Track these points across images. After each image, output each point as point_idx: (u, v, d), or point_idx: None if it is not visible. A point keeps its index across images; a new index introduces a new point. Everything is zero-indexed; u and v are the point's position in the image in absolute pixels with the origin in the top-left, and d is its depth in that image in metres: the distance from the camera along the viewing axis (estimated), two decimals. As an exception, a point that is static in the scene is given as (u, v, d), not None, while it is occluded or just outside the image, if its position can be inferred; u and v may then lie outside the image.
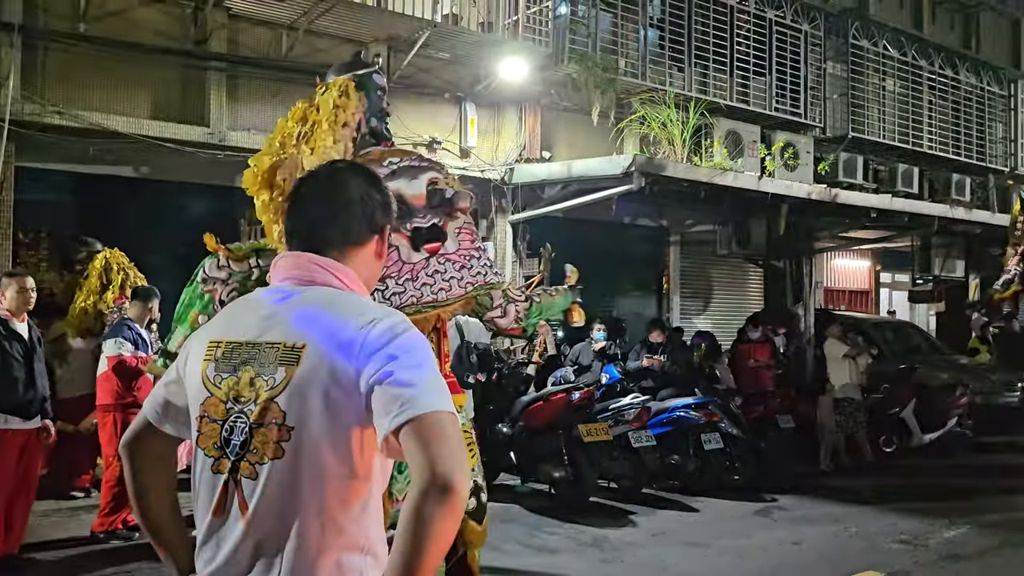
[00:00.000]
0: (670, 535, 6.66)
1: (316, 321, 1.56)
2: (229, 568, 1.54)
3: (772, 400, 9.79)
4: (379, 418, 1.46)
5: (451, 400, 1.50)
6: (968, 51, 15.22)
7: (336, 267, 1.67)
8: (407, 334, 1.54)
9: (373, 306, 1.62)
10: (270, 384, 1.53)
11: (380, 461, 1.57)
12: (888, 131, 13.03)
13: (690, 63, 10.67)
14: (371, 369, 1.48)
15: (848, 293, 15.88)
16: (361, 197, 1.73)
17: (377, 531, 1.59)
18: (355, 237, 1.72)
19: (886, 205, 11.39)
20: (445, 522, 1.38)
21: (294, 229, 1.73)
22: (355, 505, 1.53)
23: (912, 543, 6.48)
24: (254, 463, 1.52)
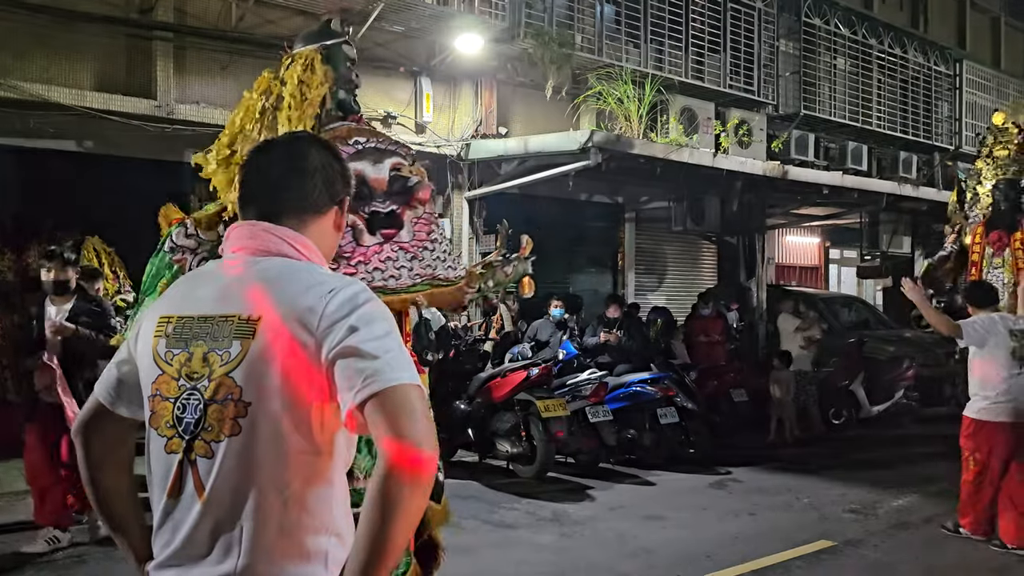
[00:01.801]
0: (628, 508, 6.73)
1: (273, 292, 1.51)
2: (187, 551, 1.48)
3: (725, 374, 9.95)
4: (342, 392, 1.41)
5: (416, 372, 1.46)
6: (916, 31, 15.48)
7: (293, 236, 1.60)
8: (369, 304, 1.49)
9: (332, 276, 1.57)
10: (224, 359, 1.48)
11: (343, 436, 1.52)
12: (839, 109, 13.22)
13: (646, 39, 10.66)
14: (332, 341, 1.43)
15: (799, 269, 16.14)
16: (322, 165, 1.67)
17: (342, 509, 1.55)
18: (315, 205, 1.66)
19: (836, 182, 11.57)
20: (414, 498, 1.35)
21: (249, 198, 1.66)
22: (318, 483, 1.48)
23: (862, 512, 6.64)
24: (209, 441, 1.47)
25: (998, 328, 5.74)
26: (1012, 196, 7.86)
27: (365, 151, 3.36)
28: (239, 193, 1.69)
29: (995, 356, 5.68)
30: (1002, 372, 5.64)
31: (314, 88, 3.40)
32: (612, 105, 9.96)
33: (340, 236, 1.76)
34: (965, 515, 5.94)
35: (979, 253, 7.97)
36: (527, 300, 10.08)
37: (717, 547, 5.67)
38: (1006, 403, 5.65)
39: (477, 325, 9.41)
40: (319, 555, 1.48)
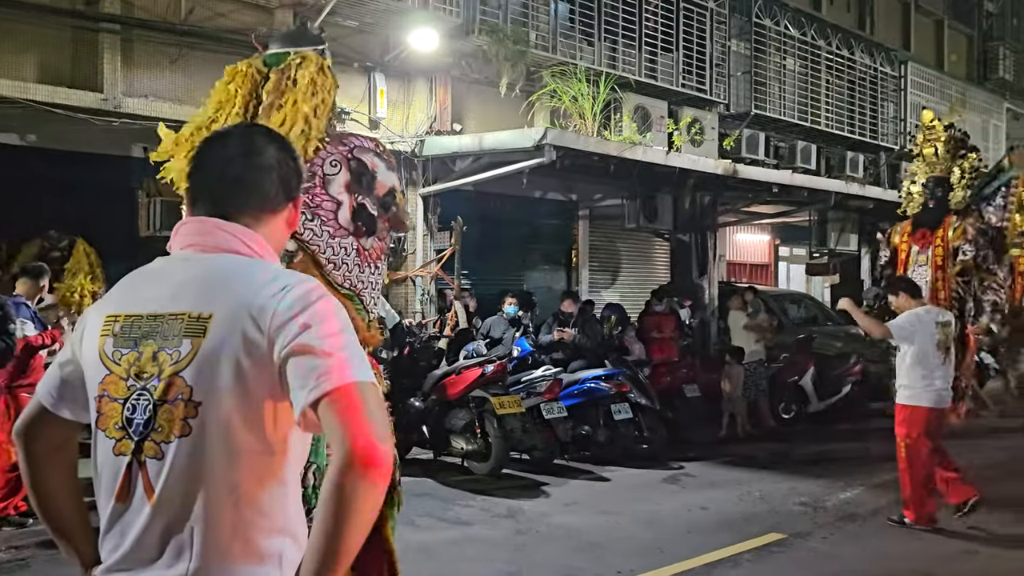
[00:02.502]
0: (582, 504, 6.78)
1: (224, 289, 1.48)
2: (135, 555, 1.45)
3: (678, 370, 10.07)
4: (295, 391, 1.39)
5: (371, 370, 1.44)
6: (863, 32, 15.79)
7: (244, 233, 1.57)
8: (322, 301, 1.47)
9: (285, 273, 1.54)
10: (175, 358, 1.45)
11: (297, 436, 1.50)
12: (788, 109, 13.44)
13: (600, 38, 10.72)
14: (284, 339, 1.41)
15: (749, 266, 16.40)
16: (278, 162, 1.64)
17: (296, 510, 1.52)
18: (271, 204, 1.63)
19: (786, 180, 11.77)
20: (370, 497, 1.33)
21: (201, 192, 1.62)
22: (271, 483, 1.46)
23: (811, 505, 6.78)
24: (159, 442, 1.44)
25: (925, 321, 6.09)
26: (939, 194, 8.03)
27: (383, 156, 3.45)
28: (189, 186, 1.64)
29: (923, 347, 6.01)
30: (929, 362, 6.00)
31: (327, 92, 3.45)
32: (566, 103, 10.00)
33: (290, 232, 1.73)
34: (907, 506, 6.13)
35: (906, 251, 8.15)
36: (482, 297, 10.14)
37: (670, 541, 5.74)
38: (932, 390, 6.03)
39: (432, 322, 9.39)
40: (273, 556, 1.46)
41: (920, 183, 8.30)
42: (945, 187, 8.13)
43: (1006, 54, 19.71)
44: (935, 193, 8.06)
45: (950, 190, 8.13)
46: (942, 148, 8.30)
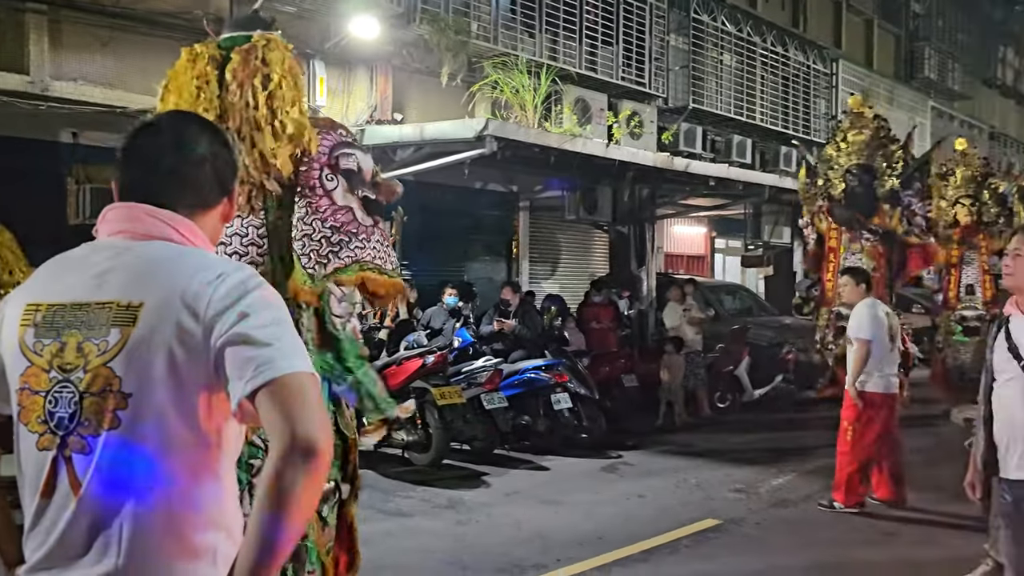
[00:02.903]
0: (522, 494, 6.82)
1: (155, 277, 1.43)
2: (61, 552, 1.40)
3: (617, 360, 10.20)
4: (232, 381, 1.36)
5: (309, 359, 1.42)
6: (796, 30, 16.14)
7: (176, 220, 1.52)
8: (260, 290, 1.44)
9: (220, 261, 1.51)
10: (102, 348, 1.40)
11: (233, 428, 1.47)
12: (725, 104, 13.67)
13: (541, 30, 10.74)
14: (221, 328, 1.38)
15: (686, 258, 16.66)
16: (213, 155, 1.59)
17: (231, 504, 1.50)
18: (207, 199, 1.59)
19: (723, 174, 11.97)
20: (309, 488, 1.32)
21: (132, 182, 1.55)
22: (205, 476, 1.43)
23: (745, 492, 6.95)
24: (86, 436, 1.39)
25: (879, 315, 6.34)
26: (866, 181, 8.10)
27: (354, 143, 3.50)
28: (119, 177, 1.58)
29: (879, 338, 6.26)
30: (881, 350, 6.25)
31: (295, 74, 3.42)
32: (508, 94, 10.00)
33: (224, 225, 1.69)
34: (838, 489, 6.33)
35: (836, 239, 8.22)
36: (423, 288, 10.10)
37: (609, 529, 5.83)
38: (882, 377, 6.27)
39: (371, 313, 9.31)
40: (207, 552, 1.42)
41: (845, 169, 8.30)
42: (870, 175, 8.17)
43: (931, 54, 20.38)
44: (862, 180, 8.10)
45: (875, 178, 8.20)
46: (869, 136, 8.36)
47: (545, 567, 5.07)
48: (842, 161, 8.38)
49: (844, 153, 8.41)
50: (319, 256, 3.38)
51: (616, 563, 5.17)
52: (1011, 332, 3.37)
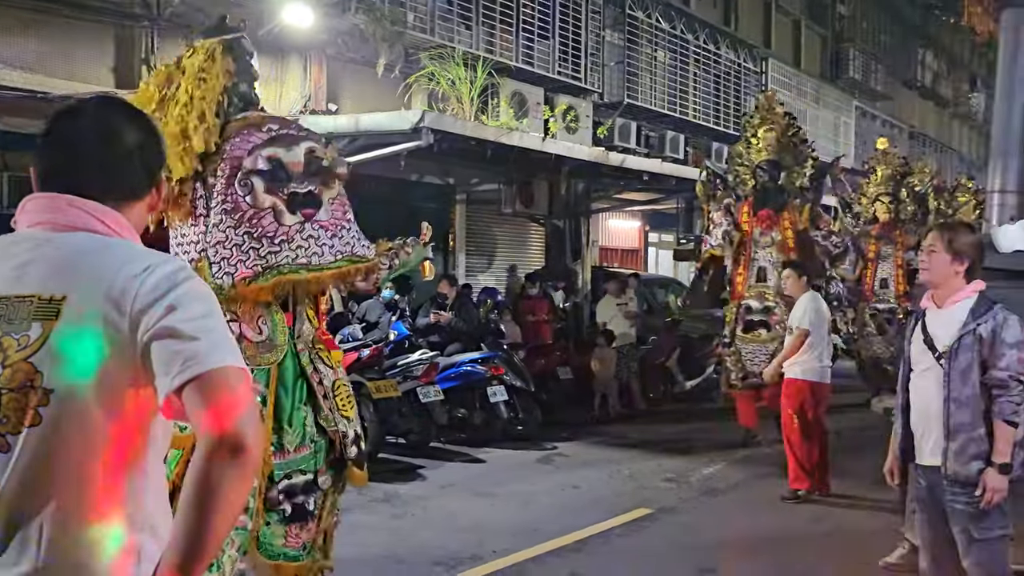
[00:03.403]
0: (458, 486, 6.84)
1: (79, 270, 1.39)
2: None
3: (552, 353, 10.29)
4: (159, 376, 1.34)
5: (240, 354, 1.41)
6: (728, 28, 16.48)
7: (100, 210, 1.47)
8: (189, 282, 1.41)
9: (148, 253, 1.46)
10: (22, 343, 1.36)
11: (159, 423, 1.44)
12: (659, 100, 13.88)
13: (478, 22, 10.73)
14: (148, 322, 1.35)
15: (620, 251, 16.87)
16: (139, 145, 1.54)
17: (157, 502, 1.46)
18: (134, 191, 1.54)
19: (656, 169, 12.16)
20: (238, 485, 1.30)
21: (54, 171, 1.49)
22: (131, 473, 1.40)
23: (677, 481, 7.10)
24: (5, 434, 1.35)
25: (822, 307, 6.62)
26: (775, 176, 8.31)
27: (278, 137, 3.42)
28: (38, 165, 1.51)
29: (819, 329, 6.50)
30: (820, 341, 6.49)
31: (213, 78, 3.41)
32: (444, 86, 9.97)
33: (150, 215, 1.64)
34: (799, 479, 6.45)
35: (748, 232, 8.38)
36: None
37: (544, 520, 5.89)
38: (821, 366, 6.53)
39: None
40: (131, 551, 1.39)
41: (756, 165, 8.46)
42: (778, 170, 8.35)
43: (856, 55, 21.04)
44: (772, 175, 8.26)
45: (783, 174, 8.40)
46: (780, 132, 8.51)
47: (481, 559, 5.10)
48: (752, 157, 8.51)
49: (755, 149, 8.55)
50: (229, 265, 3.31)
51: (550, 553, 5.23)
52: (927, 325, 3.53)
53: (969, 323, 3.35)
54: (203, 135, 3.30)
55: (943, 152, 26.52)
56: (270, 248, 3.33)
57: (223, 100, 3.44)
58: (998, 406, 3.30)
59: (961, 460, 3.35)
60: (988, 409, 3.33)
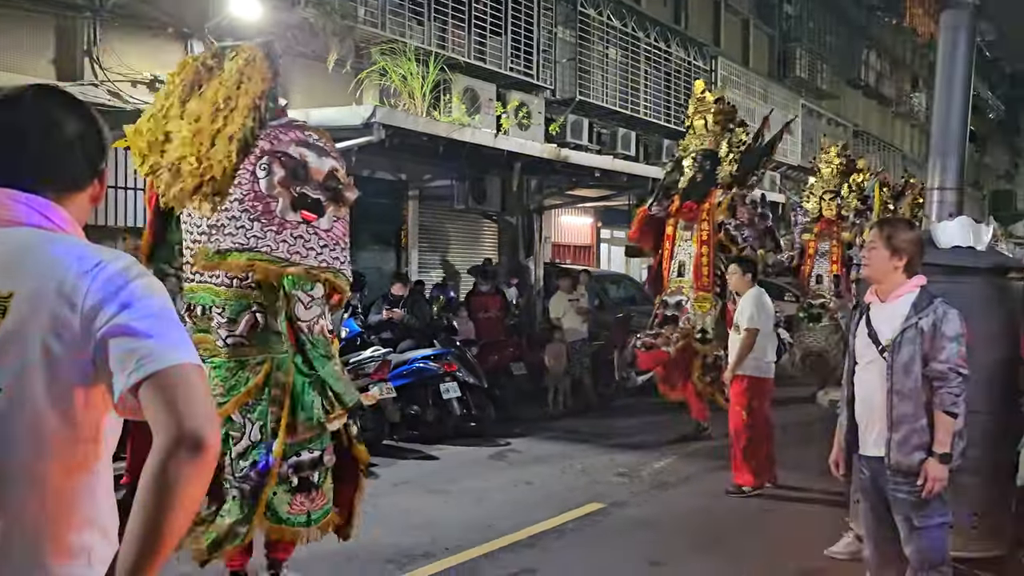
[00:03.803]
0: (412, 484, 6.81)
1: (26, 266, 1.36)
2: None
3: (505, 349, 10.30)
4: (115, 374, 1.31)
5: (195, 350, 1.39)
6: (678, 27, 16.65)
7: (43, 205, 1.44)
8: (142, 279, 1.39)
9: (97, 249, 1.43)
10: None
11: (111, 423, 1.41)
12: (610, 97, 13.97)
13: (430, 17, 10.68)
14: (100, 320, 1.32)
15: (573, 248, 16.95)
16: (81, 135, 1.50)
17: (108, 502, 1.44)
18: (77, 181, 1.50)
19: (608, 166, 12.25)
20: (196, 482, 1.28)
21: None
22: (81, 474, 1.37)
23: (628, 475, 7.17)
24: None
25: (767, 302, 6.69)
26: (707, 167, 8.20)
27: (313, 145, 3.81)
28: None
29: (764, 325, 6.58)
30: (764, 337, 6.56)
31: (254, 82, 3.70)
32: (396, 82, 9.90)
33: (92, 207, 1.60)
34: (745, 472, 6.51)
35: (673, 225, 8.32)
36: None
37: (498, 516, 5.90)
38: (767, 362, 6.63)
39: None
40: (82, 552, 1.37)
41: (690, 155, 8.37)
42: (713, 160, 8.25)
43: (802, 54, 21.42)
44: (703, 166, 8.17)
45: (718, 163, 8.27)
46: (711, 120, 8.40)
47: (434, 556, 5.09)
48: (692, 147, 8.46)
49: (695, 138, 8.48)
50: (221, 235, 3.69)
51: (503, 549, 5.24)
52: (871, 319, 3.61)
53: (911, 317, 3.44)
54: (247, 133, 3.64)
55: (886, 150, 27.18)
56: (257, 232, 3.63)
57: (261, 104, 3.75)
58: (939, 397, 3.39)
59: (904, 450, 3.44)
60: (930, 401, 3.42)
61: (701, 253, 8.14)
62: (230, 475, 3.88)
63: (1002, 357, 4.46)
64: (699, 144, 8.39)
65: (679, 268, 8.44)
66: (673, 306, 8.38)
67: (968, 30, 5.24)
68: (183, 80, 3.79)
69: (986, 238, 4.60)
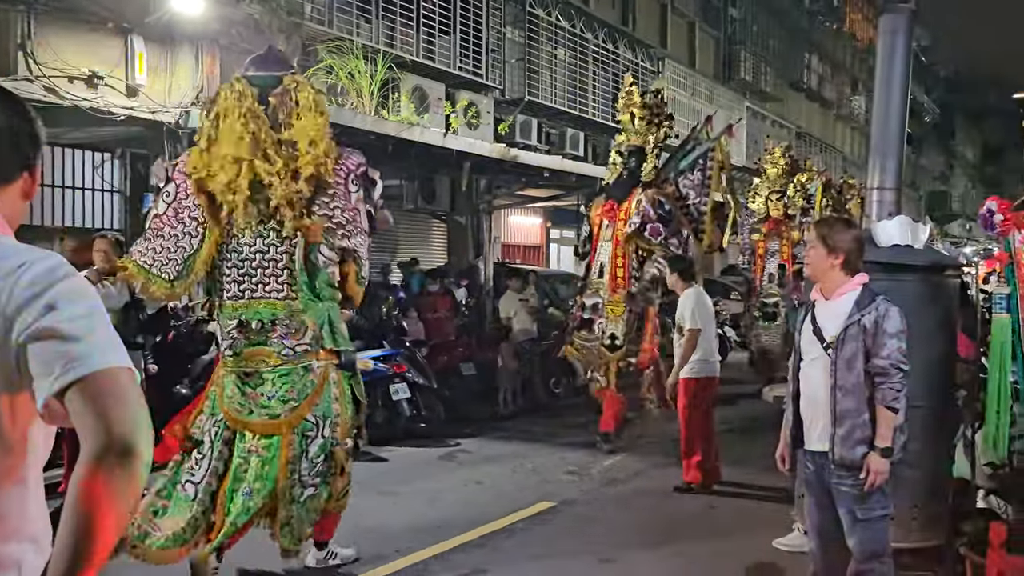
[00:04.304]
0: (362, 486, 6.68)
1: None
2: None
3: (455, 349, 10.27)
4: (38, 379, 1.26)
5: (126, 354, 1.33)
6: (626, 28, 16.79)
7: None
8: (69, 280, 1.33)
9: (22, 248, 1.37)
10: None
11: (40, 430, 1.36)
12: (559, 97, 14.03)
13: (377, 15, 10.59)
14: (24, 322, 1.27)
15: (523, 248, 16.99)
16: (9, 126, 1.44)
17: (38, 512, 1.39)
18: (4, 174, 1.44)
19: (557, 166, 12.30)
20: (128, 490, 1.24)
21: None
22: (9, 483, 1.32)
23: (578, 473, 7.20)
24: None
25: (706, 302, 6.68)
26: (633, 164, 7.89)
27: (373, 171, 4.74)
28: None
29: (704, 326, 6.57)
30: (707, 338, 6.57)
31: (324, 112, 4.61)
32: (343, 80, 9.79)
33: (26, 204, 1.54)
34: (688, 471, 6.55)
35: (597, 225, 8.02)
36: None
37: (448, 517, 5.88)
38: (712, 362, 6.62)
39: (200, 304, 8.86)
40: (11, 564, 1.32)
41: (615, 152, 8.11)
42: (639, 156, 7.92)
43: (747, 57, 21.82)
44: (629, 163, 7.88)
45: (644, 160, 7.93)
46: (638, 115, 8.07)
47: (385, 558, 5.05)
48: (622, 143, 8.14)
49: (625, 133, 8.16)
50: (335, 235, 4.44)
51: (454, 550, 5.22)
52: (815, 316, 3.68)
53: (854, 314, 3.51)
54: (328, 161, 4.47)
55: (827, 151, 27.80)
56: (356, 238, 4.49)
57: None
58: (880, 393, 3.47)
59: (847, 445, 3.51)
60: (872, 396, 3.49)
61: (616, 254, 7.83)
62: (306, 473, 4.37)
63: (939, 352, 4.58)
64: (627, 140, 8.12)
65: (600, 269, 8.17)
66: (590, 308, 8.13)
67: (905, 34, 5.37)
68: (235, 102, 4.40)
69: (923, 237, 4.71)
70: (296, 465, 4.32)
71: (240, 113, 4.34)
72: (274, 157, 4.37)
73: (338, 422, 4.46)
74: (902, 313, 3.52)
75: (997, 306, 3.98)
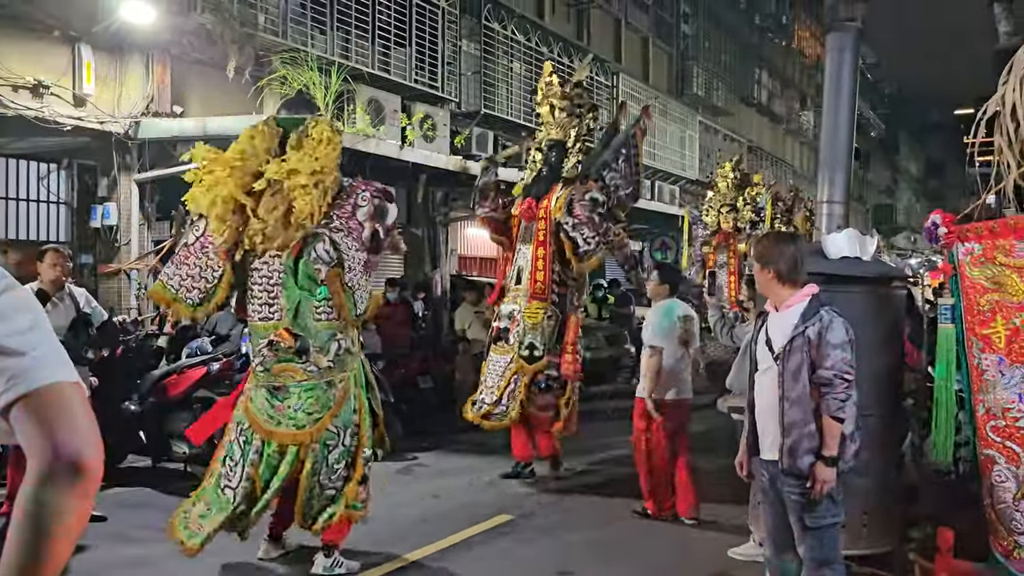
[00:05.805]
0: (316, 501, 6.64)
1: None
2: None
3: (412, 362, 10.20)
4: None
5: (72, 368, 1.29)
6: (581, 43, 16.95)
7: None
8: (10, 293, 1.30)
9: None
10: None
11: None
12: (515, 110, 14.09)
13: (332, 27, 10.55)
14: None
15: (479, 260, 16.96)
16: None
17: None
18: None
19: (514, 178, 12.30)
20: (77, 511, 1.20)
21: None
22: None
23: (535, 487, 7.18)
24: None
25: (667, 315, 6.07)
26: (552, 160, 7.16)
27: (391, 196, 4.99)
28: None
29: (667, 343, 5.98)
30: (671, 356, 5.99)
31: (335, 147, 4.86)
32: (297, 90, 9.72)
33: None
34: (648, 497, 6.13)
35: (516, 227, 7.29)
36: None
37: (405, 531, 5.82)
38: (686, 379, 6.06)
39: (150, 319, 8.72)
40: None
41: (536, 147, 7.38)
42: (560, 151, 7.23)
43: (699, 72, 22.16)
44: (549, 158, 7.17)
45: (565, 155, 7.24)
46: (558, 106, 7.30)
47: (340, 574, 4.98)
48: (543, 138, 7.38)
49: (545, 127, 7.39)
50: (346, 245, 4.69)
51: (412, 565, 5.18)
52: (768, 327, 3.74)
53: (799, 326, 3.57)
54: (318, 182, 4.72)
55: (778, 165, 28.34)
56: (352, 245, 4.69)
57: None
58: (825, 403, 3.52)
59: (795, 455, 3.56)
60: (818, 406, 3.55)
61: (537, 256, 6.97)
62: (326, 480, 4.75)
63: (888, 362, 4.69)
64: (546, 135, 7.34)
65: (517, 275, 7.29)
66: (506, 317, 7.24)
67: (852, 51, 5.52)
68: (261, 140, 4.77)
69: (871, 249, 4.82)
70: (318, 470, 4.74)
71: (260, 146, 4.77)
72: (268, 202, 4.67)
73: (358, 432, 4.87)
74: (847, 324, 3.59)
75: (942, 317, 4.08)
